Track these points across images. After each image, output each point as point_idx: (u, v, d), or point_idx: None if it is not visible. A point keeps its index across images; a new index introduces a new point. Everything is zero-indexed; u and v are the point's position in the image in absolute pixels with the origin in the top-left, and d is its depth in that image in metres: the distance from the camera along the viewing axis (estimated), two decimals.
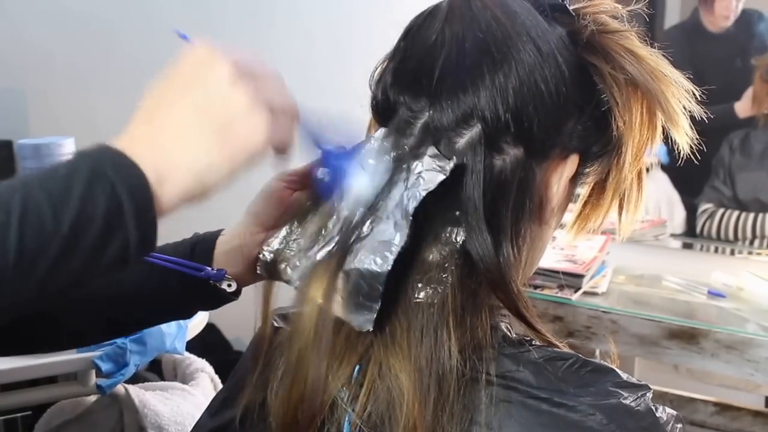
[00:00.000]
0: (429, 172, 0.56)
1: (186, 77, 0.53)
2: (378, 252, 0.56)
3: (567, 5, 0.64)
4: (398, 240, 0.55)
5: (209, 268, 0.75)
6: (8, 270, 0.44)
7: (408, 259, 0.57)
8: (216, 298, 0.77)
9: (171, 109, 0.52)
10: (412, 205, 0.56)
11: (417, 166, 0.57)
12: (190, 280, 0.75)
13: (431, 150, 0.58)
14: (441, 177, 0.56)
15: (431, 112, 0.59)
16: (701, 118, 0.64)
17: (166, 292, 0.77)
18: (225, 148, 0.51)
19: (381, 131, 0.61)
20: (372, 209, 0.58)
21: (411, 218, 0.56)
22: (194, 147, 0.51)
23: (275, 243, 0.65)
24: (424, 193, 0.56)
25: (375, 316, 0.55)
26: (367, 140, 0.62)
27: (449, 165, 0.57)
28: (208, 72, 0.53)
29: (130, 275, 0.77)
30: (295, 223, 0.65)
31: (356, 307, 0.56)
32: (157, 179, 0.49)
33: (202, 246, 0.78)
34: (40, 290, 0.46)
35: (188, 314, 0.85)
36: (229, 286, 0.76)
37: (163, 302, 0.79)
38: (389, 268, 0.55)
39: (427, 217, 0.58)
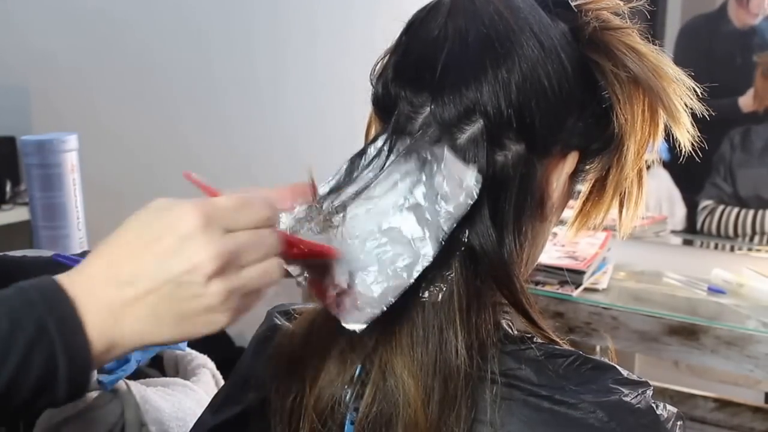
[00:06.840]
0: (455, 189, 0.56)
1: (165, 250, 0.49)
2: (403, 263, 0.55)
3: (569, 1, 0.64)
4: (431, 252, 0.55)
5: None
6: None
7: None
8: None
9: (138, 282, 0.49)
10: (447, 226, 0.55)
11: (436, 175, 0.57)
12: None
13: (447, 153, 0.57)
14: (471, 199, 0.56)
15: (433, 106, 0.58)
16: (704, 114, 0.64)
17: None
18: (181, 332, 0.50)
19: (381, 138, 0.61)
20: (376, 208, 0.58)
21: (447, 235, 0.55)
22: (151, 328, 0.49)
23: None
24: (458, 215, 0.56)
25: (370, 321, 0.55)
26: (368, 147, 0.61)
27: (472, 173, 0.57)
28: (187, 257, 0.48)
29: None
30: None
31: (357, 309, 0.55)
32: (104, 348, 0.49)
33: None
34: None
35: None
36: None
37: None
38: (412, 281, 0.55)
39: None
